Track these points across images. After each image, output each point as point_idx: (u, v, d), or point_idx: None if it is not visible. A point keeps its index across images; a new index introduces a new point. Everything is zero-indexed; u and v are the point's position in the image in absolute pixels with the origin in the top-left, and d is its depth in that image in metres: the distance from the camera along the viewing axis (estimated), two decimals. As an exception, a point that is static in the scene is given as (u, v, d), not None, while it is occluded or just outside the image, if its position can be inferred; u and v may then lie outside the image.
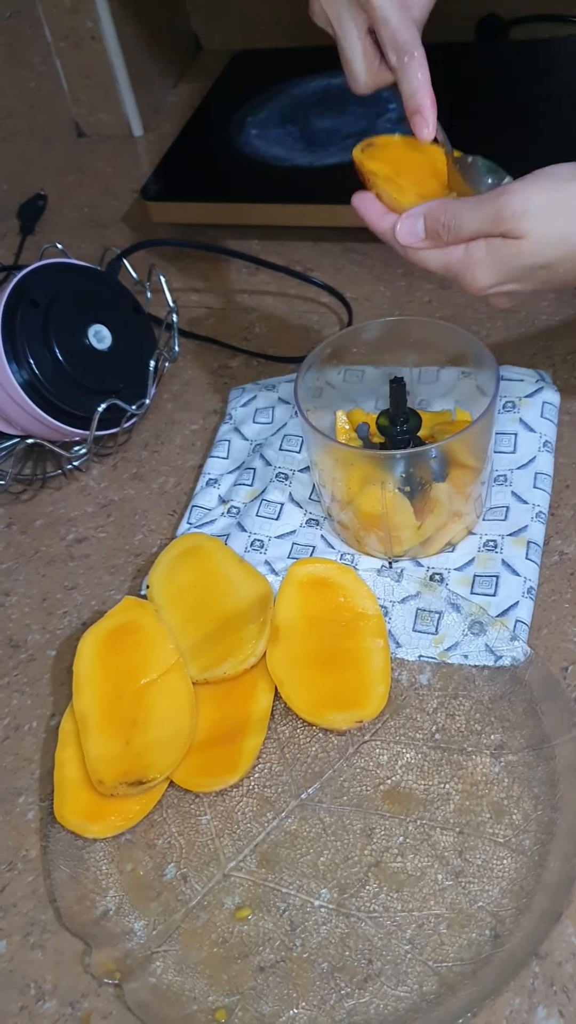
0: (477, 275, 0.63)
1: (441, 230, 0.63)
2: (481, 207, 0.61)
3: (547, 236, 0.61)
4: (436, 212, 0.63)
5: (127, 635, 0.70)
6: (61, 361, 0.80)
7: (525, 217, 0.60)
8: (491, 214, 0.61)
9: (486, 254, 0.62)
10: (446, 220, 0.63)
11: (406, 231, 0.65)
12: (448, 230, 0.63)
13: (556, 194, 0.60)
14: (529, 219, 0.60)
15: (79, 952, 0.60)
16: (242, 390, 0.90)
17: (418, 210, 0.65)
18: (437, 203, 0.64)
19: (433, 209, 0.64)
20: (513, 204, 0.60)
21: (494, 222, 0.61)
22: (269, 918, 0.60)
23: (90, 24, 1.20)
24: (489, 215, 0.61)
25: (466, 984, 0.55)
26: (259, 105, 1.17)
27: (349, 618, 0.70)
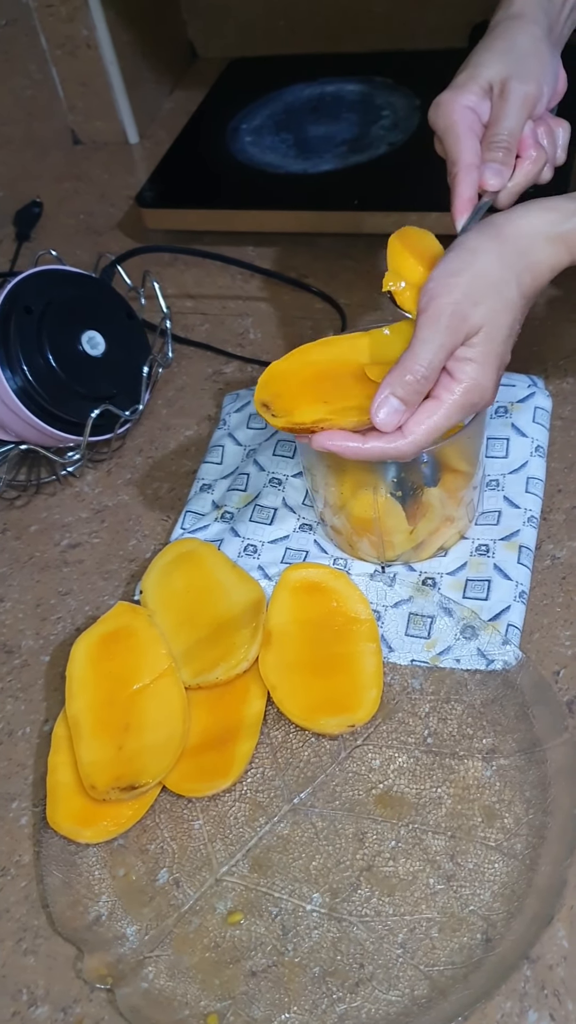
0: (486, 389, 0.62)
1: (417, 386, 0.60)
2: (431, 335, 0.60)
3: (493, 310, 0.61)
4: (398, 377, 0.60)
5: (120, 640, 0.70)
6: (55, 367, 0.81)
7: (469, 312, 0.60)
8: (443, 332, 0.60)
9: (474, 368, 0.61)
10: (412, 376, 0.60)
11: (386, 415, 0.60)
12: (422, 380, 0.60)
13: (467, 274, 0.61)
14: (472, 310, 0.60)
15: (71, 957, 0.60)
16: (236, 396, 0.90)
17: (382, 391, 0.60)
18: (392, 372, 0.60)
19: (395, 376, 0.60)
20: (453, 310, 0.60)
21: (452, 336, 0.60)
22: (261, 923, 0.60)
23: (86, 32, 1.20)
24: (443, 335, 0.60)
25: (457, 988, 0.55)
26: (254, 112, 1.17)
27: (342, 623, 0.70)
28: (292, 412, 0.64)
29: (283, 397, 0.65)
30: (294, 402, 0.65)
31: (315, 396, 0.65)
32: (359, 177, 1.05)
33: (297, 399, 0.65)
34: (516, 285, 0.62)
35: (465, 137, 0.69)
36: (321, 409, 0.64)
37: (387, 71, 1.19)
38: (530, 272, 0.62)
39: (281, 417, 0.64)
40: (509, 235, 0.62)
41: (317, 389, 0.65)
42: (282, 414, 0.64)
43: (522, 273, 0.62)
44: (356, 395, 0.64)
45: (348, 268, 1.02)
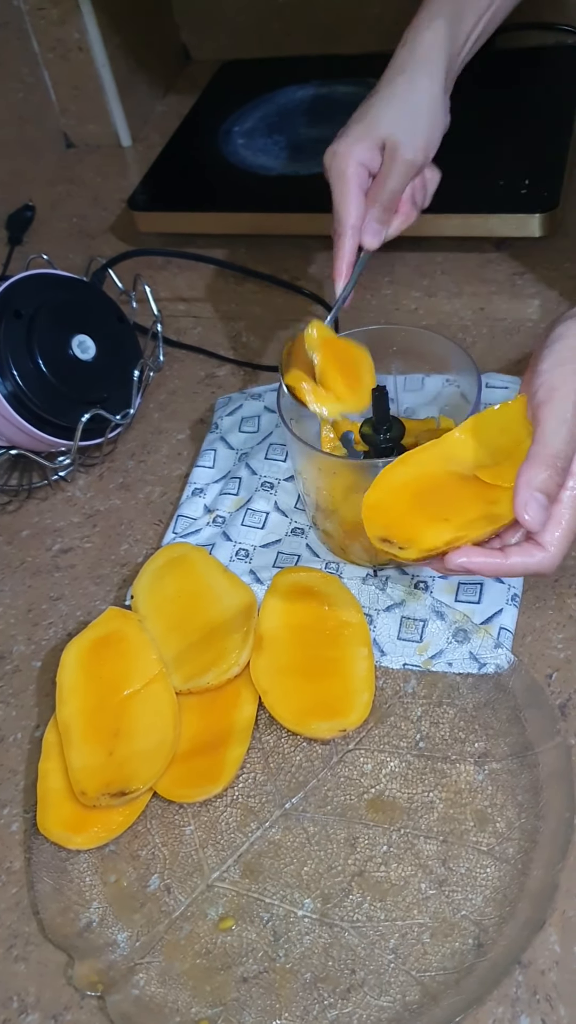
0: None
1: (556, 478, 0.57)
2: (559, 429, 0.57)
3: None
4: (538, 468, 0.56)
5: (110, 646, 0.70)
6: (45, 372, 0.80)
7: None
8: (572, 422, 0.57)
9: None
10: (550, 467, 0.56)
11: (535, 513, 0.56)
12: (561, 472, 0.57)
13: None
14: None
15: (62, 964, 0.60)
16: (228, 399, 0.90)
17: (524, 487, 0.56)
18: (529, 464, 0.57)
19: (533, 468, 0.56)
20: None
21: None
22: (252, 928, 0.59)
23: (77, 35, 1.20)
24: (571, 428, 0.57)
25: (449, 993, 0.55)
26: (246, 115, 1.17)
27: (333, 627, 0.70)
28: (418, 539, 0.60)
29: (398, 526, 0.61)
30: (413, 528, 0.60)
31: (432, 515, 0.60)
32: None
33: (415, 524, 0.60)
34: None
35: (354, 195, 0.75)
36: (446, 528, 0.59)
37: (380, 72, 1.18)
38: None
39: (410, 548, 0.59)
40: None
41: (429, 507, 0.61)
42: (408, 544, 0.60)
43: None
44: (474, 504, 0.60)
45: (340, 270, 1.02)
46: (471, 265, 0.99)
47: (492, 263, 0.99)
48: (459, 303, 0.96)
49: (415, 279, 0.99)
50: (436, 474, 0.63)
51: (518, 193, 0.97)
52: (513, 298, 0.95)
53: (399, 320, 0.95)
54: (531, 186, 0.97)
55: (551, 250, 0.98)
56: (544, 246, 0.98)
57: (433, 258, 1.01)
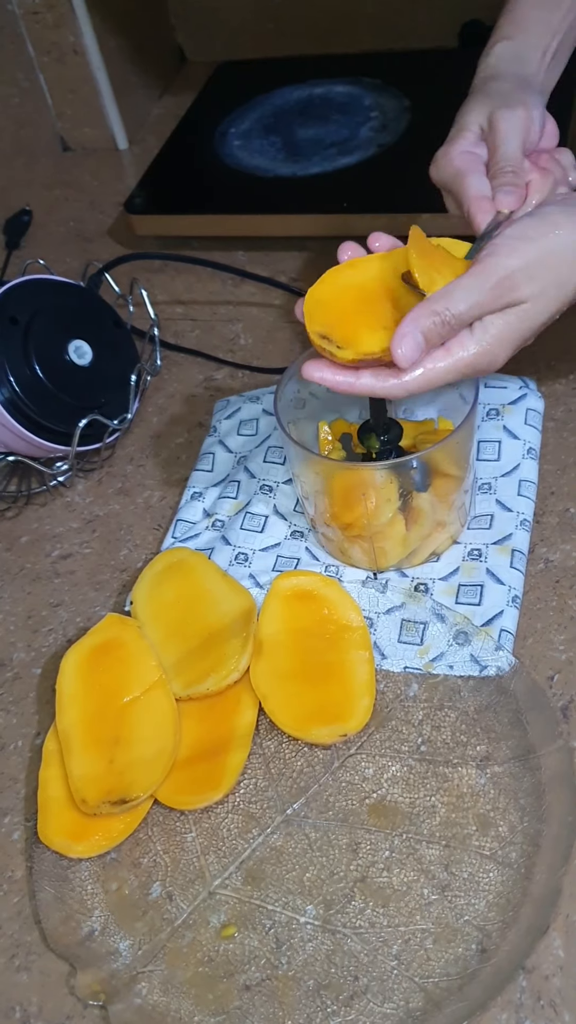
0: (496, 360, 0.61)
1: (441, 329, 0.58)
2: (474, 287, 0.58)
3: (544, 293, 0.60)
4: (428, 312, 0.58)
5: (110, 652, 0.69)
6: (41, 378, 0.80)
7: (521, 283, 0.58)
8: (487, 292, 0.58)
9: (495, 336, 0.60)
10: (443, 314, 0.58)
11: (408, 350, 0.57)
12: (448, 325, 0.58)
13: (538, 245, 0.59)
14: (525, 283, 0.59)
15: (64, 974, 0.60)
16: (227, 402, 0.89)
17: (408, 324, 0.57)
18: (422, 306, 0.58)
19: (424, 311, 0.58)
20: (507, 275, 0.58)
21: (493, 299, 0.58)
22: (255, 936, 0.59)
23: (72, 38, 1.20)
24: (485, 294, 0.58)
25: (452, 999, 0.55)
26: (242, 116, 1.17)
27: (333, 631, 0.70)
28: (355, 341, 0.60)
29: (339, 325, 0.60)
30: (353, 330, 0.60)
31: (372, 322, 0.60)
32: (348, 179, 1.04)
33: (355, 326, 0.60)
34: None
35: (469, 174, 0.67)
36: (385, 336, 0.59)
37: (376, 72, 1.18)
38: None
39: (347, 349, 0.59)
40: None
41: (371, 314, 0.61)
42: (345, 345, 0.59)
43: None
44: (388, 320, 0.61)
45: (338, 271, 1.01)
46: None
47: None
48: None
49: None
50: (383, 283, 0.63)
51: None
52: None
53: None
54: None
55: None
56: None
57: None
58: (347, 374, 0.60)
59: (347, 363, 0.60)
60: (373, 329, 0.61)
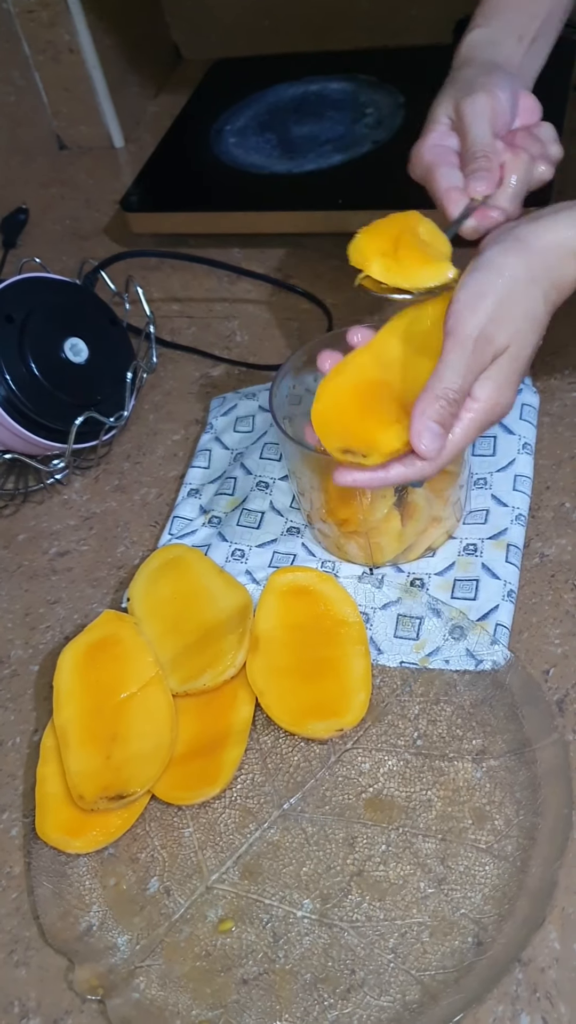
0: (506, 404, 0.62)
1: (450, 408, 0.59)
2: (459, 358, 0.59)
3: (520, 331, 0.60)
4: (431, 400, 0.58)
5: (106, 649, 0.70)
6: (37, 376, 0.80)
7: (496, 334, 0.59)
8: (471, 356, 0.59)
9: (495, 387, 0.61)
10: (445, 400, 0.58)
11: (430, 443, 0.59)
12: (454, 403, 0.59)
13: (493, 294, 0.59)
14: (499, 333, 0.59)
15: (63, 969, 0.60)
16: (223, 399, 0.90)
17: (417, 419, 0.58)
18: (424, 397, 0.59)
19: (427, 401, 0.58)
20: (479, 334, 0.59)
21: (479, 359, 0.59)
22: (252, 930, 0.59)
23: (67, 37, 1.20)
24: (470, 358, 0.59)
25: (449, 992, 0.55)
26: (238, 113, 1.17)
27: (330, 626, 0.70)
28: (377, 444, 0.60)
29: (354, 434, 0.61)
30: (369, 434, 0.61)
31: (382, 419, 0.62)
32: (343, 176, 1.04)
33: (369, 430, 0.61)
34: (543, 302, 0.61)
35: (439, 167, 0.68)
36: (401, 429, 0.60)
37: (371, 68, 1.18)
38: (556, 288, 0.61)
39: (372, 455, 0.60)
40: (536, 249, 0.61)
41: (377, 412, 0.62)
42: (370, 452, 0.60)
43: (549, 290, 0.61)
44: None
45: (334, 268, 1.01)
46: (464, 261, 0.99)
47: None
48: (453, 298, 0.95)
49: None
50: (373, 378, 0.64)
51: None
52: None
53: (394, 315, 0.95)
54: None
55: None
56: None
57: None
58: (377, 472, 0.61)
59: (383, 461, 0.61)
60: (386, 426, 0.61)
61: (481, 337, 0.59)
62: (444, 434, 0.59)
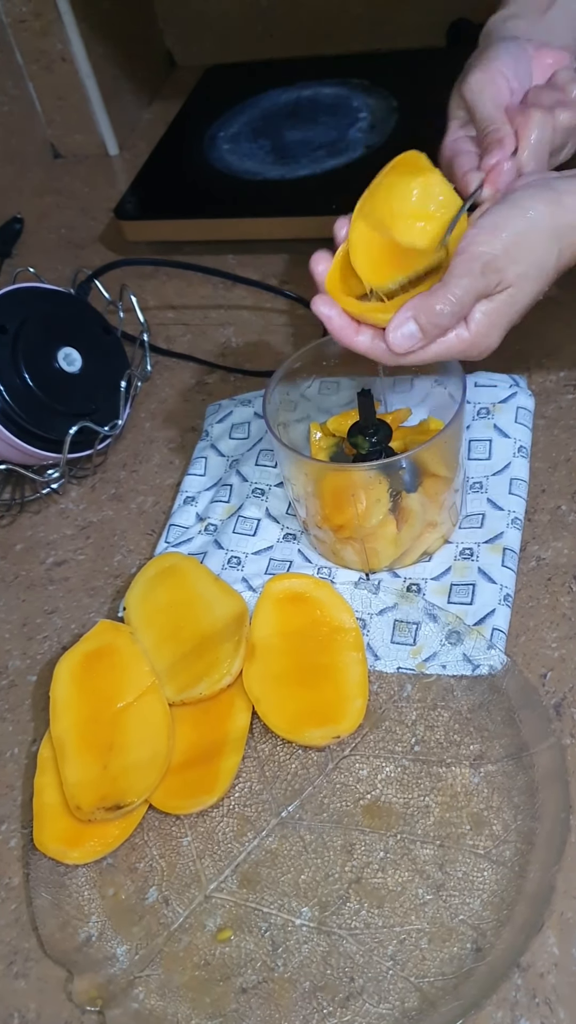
0: (490, 343, 0.63)
1: (440, 319, 0.59)
2: (464, 279, 0.59)
3: (527, 275, 0.61)
4: (426, 306, 0.59)
5: (103, 659, 0.69)
6: (31, 386, 0.80)
7: (505, 267, 0.60)
8: (478, 279, 0.59)
9: (487, 322, 0.61)
10: (440, 307, 0.59)
11: (402, 337, 0.60)
12: (447, 316, 0.59)
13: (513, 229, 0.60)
14: (508, 267, 0.60)
15: (62, 980, 0.60)
16: (218, 406, 0.90)
17: (404, 314, 0.59)
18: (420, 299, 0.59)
19: (419, 304, 0.59)
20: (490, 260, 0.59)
21: (484, 285, 0.59)
22: (251, 939, 0.59)
23: (60, 46, 1.20)
24: (476, 281, 0.59)
25: (448, 999, 0.55)
26: (231, 120, 1.17)
27: (326, 632, 0.70)
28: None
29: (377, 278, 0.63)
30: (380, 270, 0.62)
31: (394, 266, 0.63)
32: (337, 181, 1.04)
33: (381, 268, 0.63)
34: (556, 257, 0.61)
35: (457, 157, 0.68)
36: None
37: (364, 72, 1.18)
38: (571, 249, 0.62)
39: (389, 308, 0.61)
40: (567, 204, 0.61)
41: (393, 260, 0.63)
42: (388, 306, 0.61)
43: (564, 249, 0.61)
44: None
45: (328, 273, 1.01)
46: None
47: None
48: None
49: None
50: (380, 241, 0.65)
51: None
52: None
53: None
54: None
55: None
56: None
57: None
58: (350, 324, 0.62)
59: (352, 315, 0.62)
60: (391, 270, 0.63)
61: (489, 265, 0.59)
62: (420, 340, 0.60)
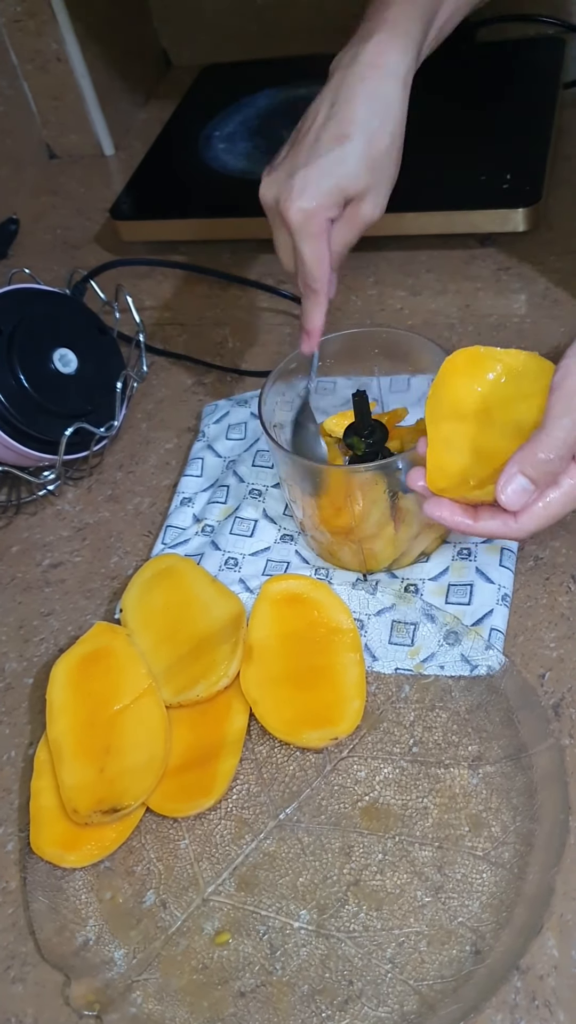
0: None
1: (548, 466, 0.56)
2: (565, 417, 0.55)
3: None
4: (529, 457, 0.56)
5: (99, 661, 0.69)
6: (27, 387, 0.80)
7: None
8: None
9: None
10: (545, 455, 0.55)
11: (512, 495, 0.56)
12: (555, 461, 0.56)
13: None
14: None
15: (59, 984, 0.60)
16: (215, 406, 0.89)
17: (510, 469, 0.56)
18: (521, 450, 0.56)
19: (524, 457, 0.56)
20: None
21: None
22: (249, 942, 0.59)
23: (55, 46, 1.20)
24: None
25: (447, 1002, 0.54)
26: (226, 119, 1.17)
27: (324, 633, 0.70)
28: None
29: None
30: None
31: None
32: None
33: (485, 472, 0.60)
34: None
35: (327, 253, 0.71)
36: None
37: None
38: None
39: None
40: None
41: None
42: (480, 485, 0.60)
43: None
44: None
45: (325, 272, 1.01)
46: (456, 262, 0.99)
47: (477, 259, 0.98)
48: (444, 301, 0.95)
49: (400, 278, 0.99)
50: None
51: (500, 188, 0.96)
52: (499, 294, 0.95)
53: (385, 320, 0.95)
54: (513, 180, 0.96)
55: (535, 244, 0.97)
56: (528, 240, 0.97)
57: (417, 256, 1.00)
58: (467, 515, 0.60)
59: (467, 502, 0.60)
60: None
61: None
62: (533, 491, 0.57)
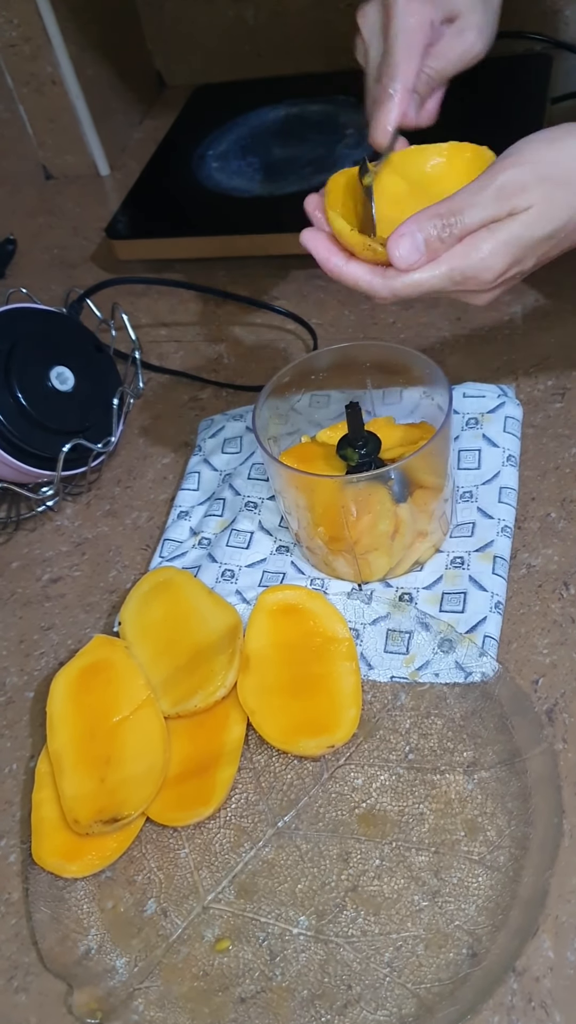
0: (490, 267, 0.58)
1: (443, 233, 0.56)
2: (482, 192, 0.56)
3: (552, 201, 0.57)
4: (432, 217, 0.56)
5: (98, 673, 0.70)
6: (24, 405, 0.81)
7: (529, 187, 0.56)
8: (494, 194, 0.56)
9: (493, 241, 0.57)
10: (447, 220, 0.56)
11: (406, 251, 0.56)
12: (451, 229, 0.56)
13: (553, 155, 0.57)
14: (533, 188, 0.56)
15: (62, 993, 0.60)
16: (211, 421, 0.90)
17: (409, 225, 0.56)
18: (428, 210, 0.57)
19: (428, 215, 0.56)
20: (516, 177, 0.56)
21: (499, 202, 0.56)
22: (249, 948, 0.60)
23: (50, 69, 1.21)
24: (492, 196, 0.56)
25: (444, 1004, 0.55)
26: (220, 138, 1.18)
27: (319, 643, 0.71)
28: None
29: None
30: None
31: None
32: (325, 197, 1.05)
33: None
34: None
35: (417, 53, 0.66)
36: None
37: (350, 89, 1.19)
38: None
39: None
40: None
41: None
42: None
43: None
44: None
45: (318, 288, 1.02)
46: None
47: (468, 272, 0.99)
48: (436, 314, 0.96)
49: (392, 292, 1.00)
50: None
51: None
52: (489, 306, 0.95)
53: (377, 334, 0.96)
54: None
55: (525, 256, 0.98)
56: (518, 253, 0.98)
57: (409, 270, 1.01)
58: (340, 256, 0.59)
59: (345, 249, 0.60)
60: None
61: (514, 180, 0.56)
62: (424, 254, 0.56)
